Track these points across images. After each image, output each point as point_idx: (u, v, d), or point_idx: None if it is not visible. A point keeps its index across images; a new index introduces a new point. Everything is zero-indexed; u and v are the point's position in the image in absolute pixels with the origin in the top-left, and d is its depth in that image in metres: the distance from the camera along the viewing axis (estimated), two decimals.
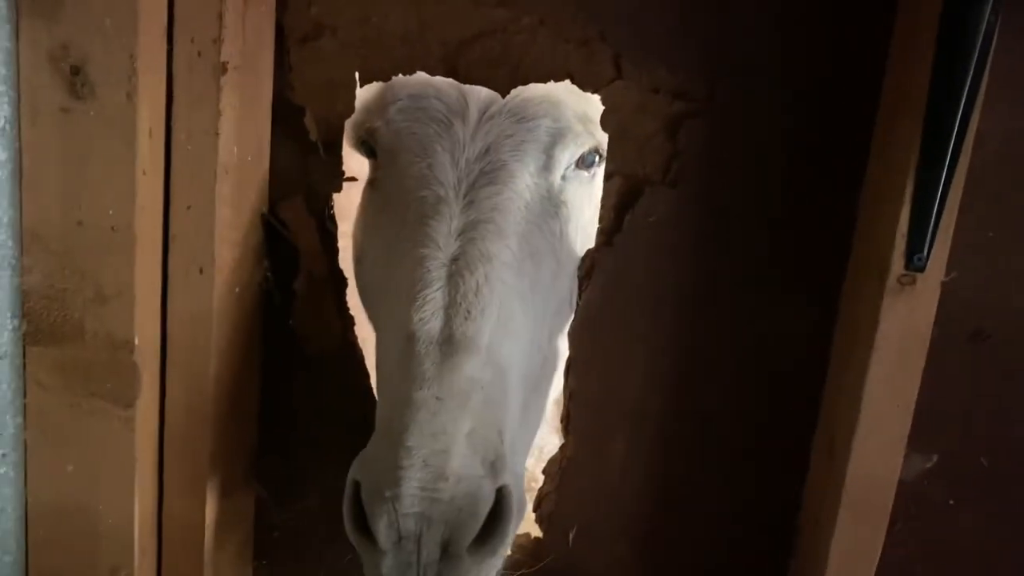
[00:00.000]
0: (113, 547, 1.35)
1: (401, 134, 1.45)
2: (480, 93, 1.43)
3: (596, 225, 1.46)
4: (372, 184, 1.53)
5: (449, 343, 1.24)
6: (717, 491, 1.47)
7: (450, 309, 1.27)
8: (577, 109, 1.45)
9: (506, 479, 1.18)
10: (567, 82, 1.37)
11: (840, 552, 1.29)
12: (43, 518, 1.35)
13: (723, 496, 1.47)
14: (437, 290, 1.29)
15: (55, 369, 1.29)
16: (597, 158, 1.49)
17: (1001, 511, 1.39)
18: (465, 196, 1.37)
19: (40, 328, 1.28)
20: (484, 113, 1.42)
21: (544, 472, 1.51)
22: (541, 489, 1.52)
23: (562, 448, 1.49)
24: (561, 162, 1.45)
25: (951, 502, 1.40)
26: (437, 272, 1.31)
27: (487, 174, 1.39)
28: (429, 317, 1.27)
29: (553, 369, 1.50)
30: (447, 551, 1.15)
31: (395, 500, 1.12)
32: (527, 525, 1.55)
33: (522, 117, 1.41)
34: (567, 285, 1.48)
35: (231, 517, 1.48)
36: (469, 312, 1.27)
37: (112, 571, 1.35)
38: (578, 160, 1.47)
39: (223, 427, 1.40)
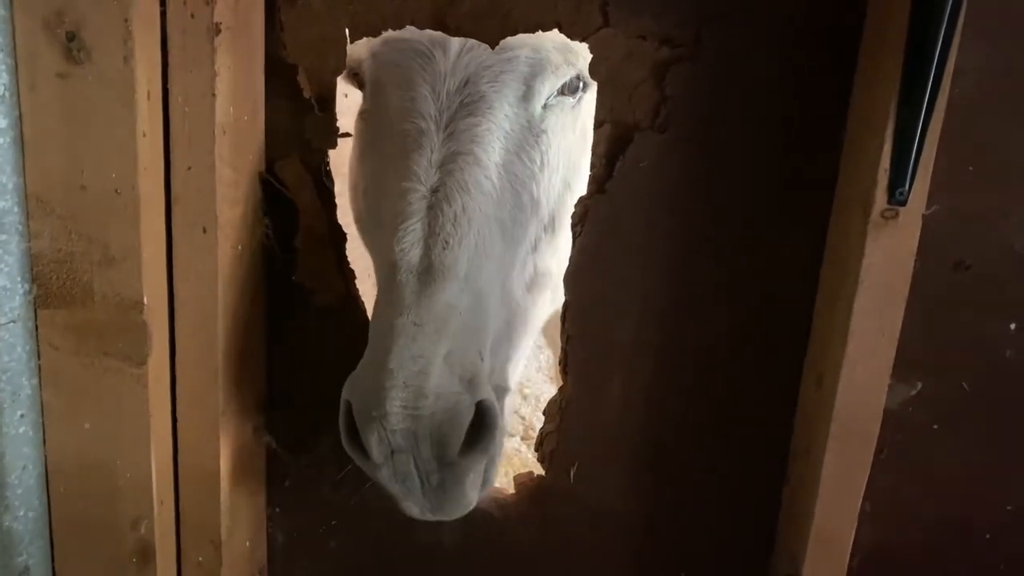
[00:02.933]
0: (133, 499, 1.40)
1: (385, 66, 1.48)
2: None
3: (585, 153, 1.52)
4: (362, 115, 1.57)
5: (428, 272, 1.32)
6: (712, 424, 1.52)
7: (429, 239, 1.34)
8: (556, 39, 1.47)
9: (484, 393, 1.29)
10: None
11: (830, 478, 1.35)
12: (63, 475, 1.40)
13: (717, 428, 1.52)
14: (417, 221, 1.35)
15: (67, 331, 1.32)
16: (581, 84, 1.52)
17: (982, 434, 1.45)
18: (446, 128, 1.41)
19: (50, 291, 1.31)
20: (464, 44, 1.44)
21: (544, 413, 1.57)
22: (542, 429, 1.57)
23: (561, 389, 1.54)
24: (541, 92, 1.48)
25: (935, 427, 1.45)
26: (418, 204, 1.36)
27: (467, 106, 1.42)
28: (409, 247, 1.34)
29: (544, 288, 1.59)
30: (441, 459, 1.28)
31: (381, 419, 1.24)
32: (531, 464, 1.61)
33: (501, 47, 1.43)
34: (549, 210, 1.53)
35: (244, 467, 1.54)
36: (447, 242, 1.33)
37: (134, 522, 1.41)
38: (560, 87, 1.50)
39: (233, 381, 1.45)
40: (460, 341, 1.30)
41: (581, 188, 1.49)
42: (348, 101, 1.78)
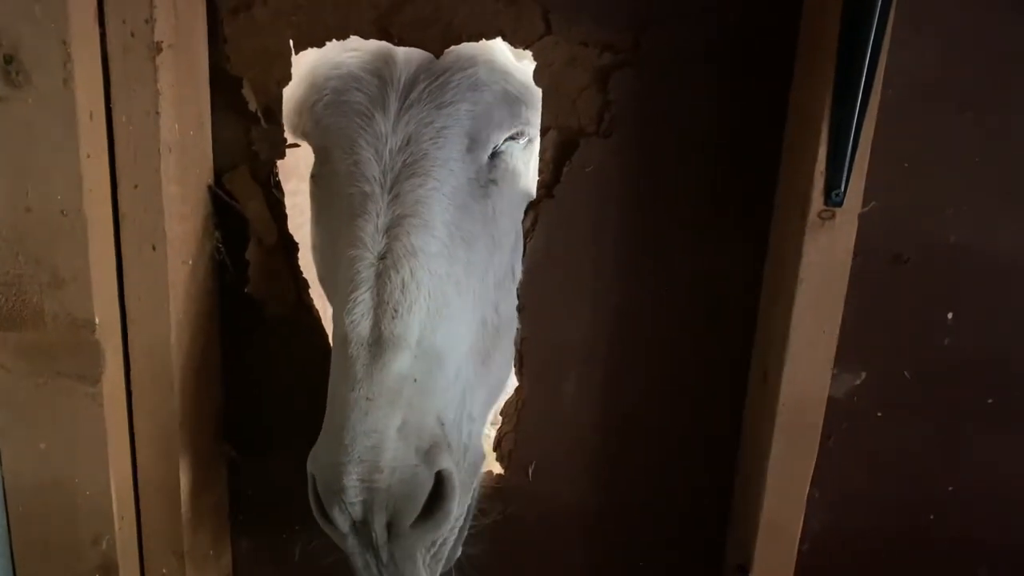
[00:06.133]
0: (93, 517, 1.41)
1: (329, 131, 1.44)
2: (400, 78, 1.43)
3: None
4: (312, 178, 1.53)
5: (378, 344, 1.29)
6: (664, 419, 1.56)
7: (378, 309, 1.31)
8: (496, 89, 1.45)
9: (443, 463, 1.28)
10: (488, 62, 1.41)
11: (776, 469, 1.40)
12: (22, 495, 1.40)
13: (670, 424, 1.56)
14: (366, 291, 1.32)
15: (19, 353, 1.32)
16: (524, 132, 1.50)
17: (924, 419, 1.51)
18: (391, 190, 1.37)
19: (0, 314, 1.31)
20: (404, 102, 1.41)
21: (502, 414, 1.59)
22: (500, 429, 1.60)
23: (517, 390, 1.57)
24: (487, 144, 1.45)
25: (879, 414, 1.50)
26: (366, 272, 1.33)
27: (409, 166, 1.38)
28: (359, 319, 1.31)
29: (509, 334, 1.55)
30: (392, 530, 1.28)
31: (340, 492, 1.24)
32: (489, 463, 1.64)
33: (441, 102, 1.41)
34: (508, 256, 1.51)
35: (205, 479, 1.55)
36: (396, 311, 1.30)
37: (95, 538, 1.42)
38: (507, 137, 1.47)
39: (189, 394, 1.45)
40: (416, 409, 1.29)
41: None
42: None
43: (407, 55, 1.45)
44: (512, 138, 1.48)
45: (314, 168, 1.52)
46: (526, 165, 1.54)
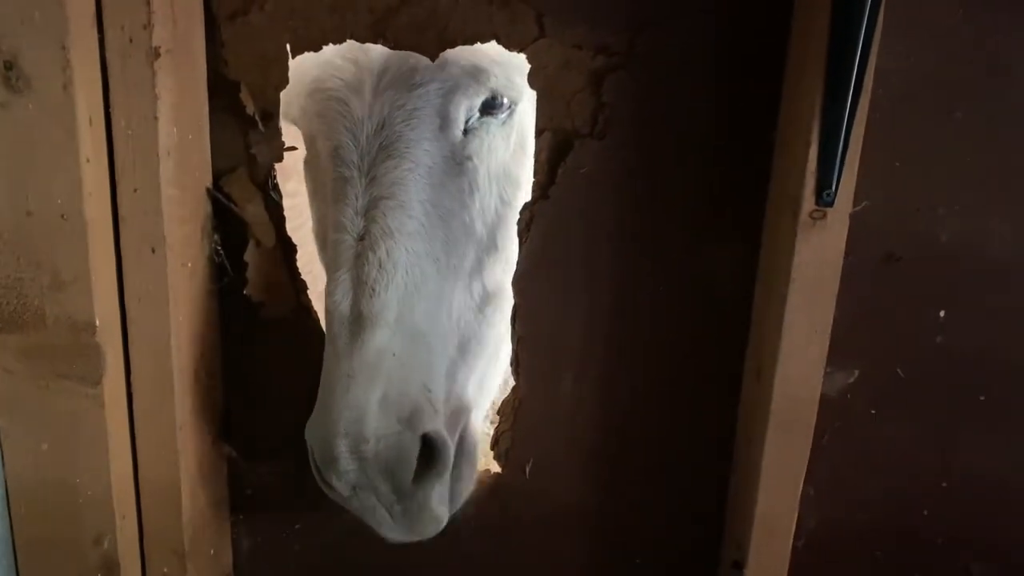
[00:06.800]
0: (94, 516, 1.42)
1: (312, 119, 1.51)
2: (374, 64, 1.47)
3: (524, 165, 1.57)
4: (304, 164, 1.60)
5: (357, 322, 1.36)
6: (660, 418, 1.58)
7: (357, 288, 1.37)
8: (465, 64, 1.48)
9: (428, 426, 1.35)
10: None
11: (770, 466, 1.41)
12: (24, 495, 1.41)
13: (665, 422, 1.58)
14: (346, 271, 1.39)
15: (20, 355, 1.33)
16: (504, 101, 1.53)
17: (917, 417, 1.52)
18: (368, 173, 1.43)
19: (1, 317, 1.32)
20: (377, 86, 1.46)
21: (499, 413, 1.61)
22: (497, 428, 1.62)
23: (514, 390, 1.58)
24: (457, 119, 1.49)
25: (873, 412, 1.52)
26: (347, 254, 1.40)
27: (385, 148, 1.44)
28: (341, 298, 1.38)
29: (499, 304, 1.60)
30: (397, 491, 1.36)
31: (334, 463, 1.31)
32: (487, 462, 1.65)
33: (412, 84, 1.45)
34: (487, 231, 1.56)
35: (205, 478, 1.56)
36: (374, 289, 1.36)
37: (96, 538, 1.43)
38: (482, 109, 1.52)
39: (189, 395, 1.47)
40: (397, 382, 1.34)
41: (524, 200, 1.51)
42: None
43: None
44: (488, 113, 1.53)
45: (305, 155, 1.59)
46: (505, 140, 1.57)
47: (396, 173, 1.42)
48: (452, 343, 1.50)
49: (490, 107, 1.53)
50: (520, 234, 1.48)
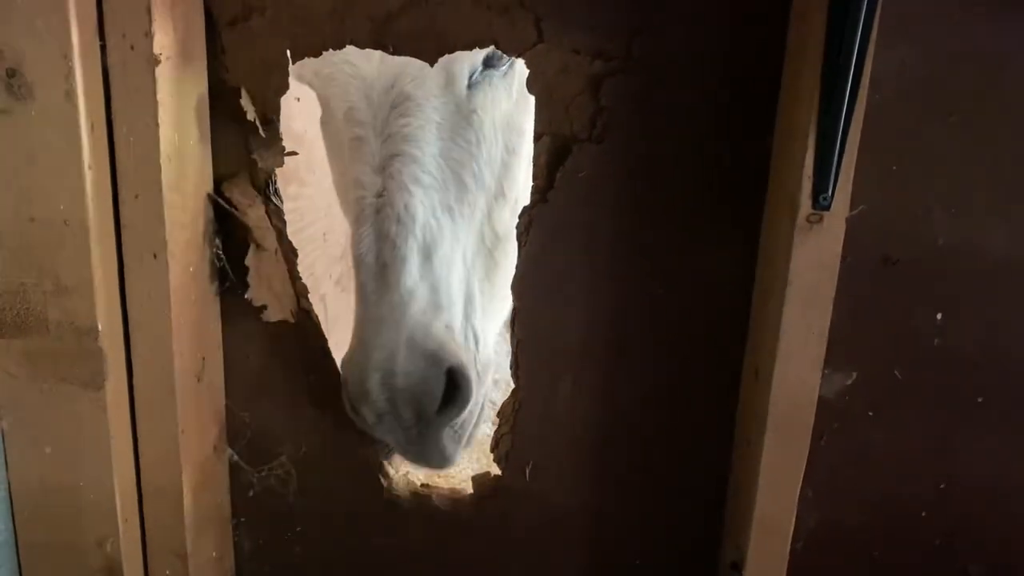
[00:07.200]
0: (97, 520, 1.43)
1: (326, 81, 1.59)
2: None
3: (526, 114, 1.64)
4: (322, 125, 1.69)
5: (383, 272, 1.49)
6: (659, 420, 1.58)
7: (379, 241, 1.50)
8: None
9: (453, 359, 1.48)
10: None
11: (769, 468, 1.42)
12: (27, 498, 1.43)
13: (665, 424, 1.58)
14: (368, 226, 1.51)
15: (23, 359, 1.35)
16: (502, 56, 1.60)
17: (914, 418, 1.53)
18: (382, 132, 1.53)
19: (5, 321, 1.33)
20: None
21: (499, 415, 1.62)
22: (497, 430, 1.62)
23: (514, 392, 1.59)
24: (462, 75, 1.57)
25: (870, 414, 1.52)
26: (368, 210, 1.51)
27: (396, 107, 1.53)
28: (366, 251, 1.51)
29: (507, 247, 1.72)
30: (421, 418, 1.50)
31: (366, 395, 1.46)
32: (486, 465, 1.66)
33: None
34: (495, 179, 1.66)
35: (206, 481, 1.57)
36: (395, 243, 1.48)
37: (99, 541, 1.44)
38: (484, 63, 1.59)
39: (191, 399, 1.48)
40: (421, 323, 1.48)
41: (527, 150, 1.57)
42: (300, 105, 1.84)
43: None
44: (490, 67, 1.60)
45: (321, 115, 1.68)
46: (508, 91, 1.65)
47: (408, 130, 1.52)
48: (468, 283, 1.62)
49: (491, 61, 1.60)
50: (519, 237, 1.49)
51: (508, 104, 1.66)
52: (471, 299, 1.63)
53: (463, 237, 1.60)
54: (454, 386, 1.48)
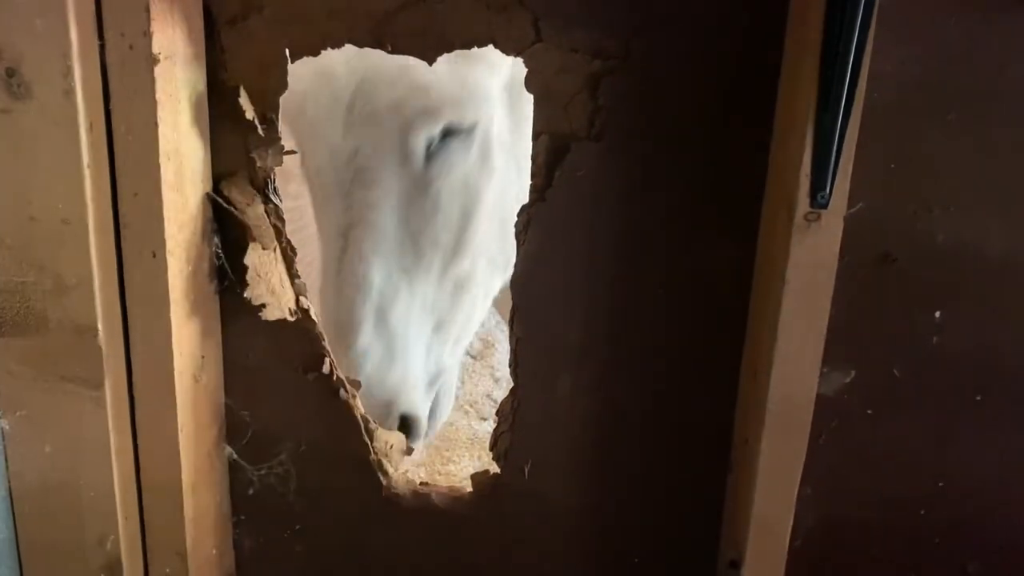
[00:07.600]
0: (98, 517, 1.44)
1: (298, 137, 1.68)
2: (343, 96, 1.62)
3: (484, 171, 1.75)
4: (301, 166, 1.78)
5: (340, 328, 1.66)
6: (658, 419, 1.58)
7: (338, 301, 1.67)
8: (416, 105, 1.63)
9: (403, 408, 1.72)
10: (406, 79, 1.57)
11: (767, 466, 1.42)
12: (28, 497, 1.43)
13: (664, 423, 1.58)
14: (331, 283, 1.67)
15: (24, 358, 1.35)
16: (462, 126, 1.68)
17: (913, 416, 1.53)
18: (345, 197, 1.64)
19: (5, 320, 1.34)
20: (347, 119, 1.62)
21: (498, 414, 1.62)
22: (496, 430, 1.63)
23: (513, 391, 1.59)
24: (417, 152, 1.66)
25: (869, 412, 1.52)
26: (332, 267, 1.67)
27: (359, 175, 1.64)
28: (328, 305, 1.69)
29: (465, 289, 1.85)
30: None
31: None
32: (487, 463, 1.67)
33: (376, 123, 1.62)
34: (451, 240, 1.76)
35: (206, 479, 1.58)
36: (351, 306, 1.65)
37: (100, 539, 1.45)
38: (442, 135, 1.67)
39: (190, 397, 1.48)
40: (377, 374, 1.68)
41: (484, 209, 1.63)
42: None
43: (349, 68, 1.63)
44: (449, 135, 1.67)
45: (301, 160, 1.79)
46: (465, 153, 1.72)
47: (368, 200, 1.63)
48: (428, 327, 1.76)
49: (449, 132, 1.67)
50: (518, 236, 1.50)
51: (467, 166, 1.73)
52: (433, 338, 1.80)
53: (420, 291, 1.74)
54: (406, 427, 1.72)
